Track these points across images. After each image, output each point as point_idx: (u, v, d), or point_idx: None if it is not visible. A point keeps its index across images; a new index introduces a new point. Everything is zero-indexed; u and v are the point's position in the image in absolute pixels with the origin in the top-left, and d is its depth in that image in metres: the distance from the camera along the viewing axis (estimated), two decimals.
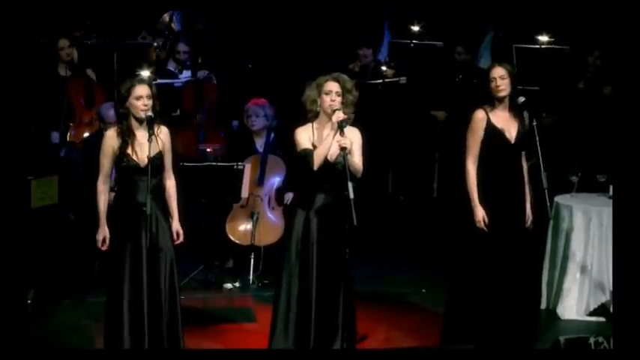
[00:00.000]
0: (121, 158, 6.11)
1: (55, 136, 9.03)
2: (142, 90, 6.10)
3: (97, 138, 8.31)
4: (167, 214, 6.22)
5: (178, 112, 9.32)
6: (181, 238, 6.23)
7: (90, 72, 9.45)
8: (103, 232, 6.16)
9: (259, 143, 8.67)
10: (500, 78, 6.46)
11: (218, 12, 10.69)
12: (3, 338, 5.28)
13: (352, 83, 6.26)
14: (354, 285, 6.33)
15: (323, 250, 6.17)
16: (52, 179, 7.88)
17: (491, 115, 6.52)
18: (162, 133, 6.19)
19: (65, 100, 9.12)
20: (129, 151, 6.10)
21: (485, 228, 6.46)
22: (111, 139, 6.16)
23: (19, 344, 5.36)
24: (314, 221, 6.19)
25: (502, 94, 6.48)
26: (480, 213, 6.47)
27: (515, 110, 6.51)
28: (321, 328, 6.15)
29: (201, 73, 9.68)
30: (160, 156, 6.14)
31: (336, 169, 6.12)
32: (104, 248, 6.16)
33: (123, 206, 6.16)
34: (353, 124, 6.26)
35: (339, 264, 6.20)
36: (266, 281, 8.25)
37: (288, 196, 8.54)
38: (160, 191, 6.19)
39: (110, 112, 8.23)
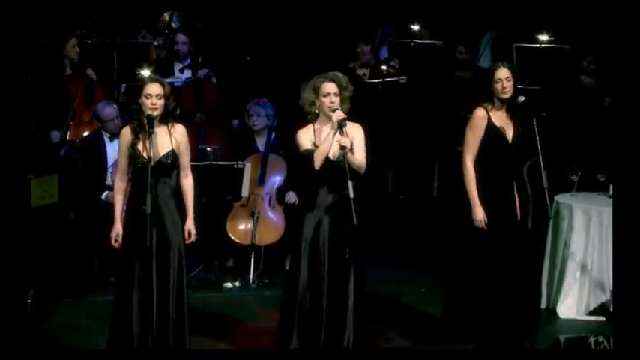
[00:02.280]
0: (132, 156, 6.11)
1: (56, 135, 9.03)
2: (151, 88, 6.10)
3: (97, 137, 8.35)
4: (181, 213, 6.21)
5: (178, 111, 9.30)
6: (193, 238, 6.23)
7: (90, 71, 9.45)
8: (117, 228, 6.17)
9: (260, 142, 8.68)
10: (507, 79, 6.47)
11: (218, 11, 10.69)
12: (3, 338, 5.28)
13: (347, 79, 6.26)
14: (365, 285, 6.31)
15: (333, 248, 6.17)
16: (52, 178, 7.88)
17: (491, 114, 6.53)
18: (178, 132, 6.20)
19: (70, 99, 9.13)
20: (139, 148, 6.11)
21: (485, 227, 6.47)
22: (126, 136, 6.18)
23: (19, 344, 5.36)
24: (325, 221, 6.18)
25: (507, 95, 6.49)
26: (480, 212, 6.48)
27: (514, 110, 6.51)
28: (330, 326, 6.14)
29: (202, 72, 9.67)
30: (171, 155, 6.14)
31: (340, 168, 6.12)
32: (117, 245, 6.16)
33: (134, 204, 6.17)
34: (353, 122, 6.26)
35: (346, 263, 6.19)
36: (266, 280, 8.25)
37: (289, 196, 8.54)
38: (172, 190, 6.18)
39: (106, 110, 8.25)
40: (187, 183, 6.28)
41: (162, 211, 6.11)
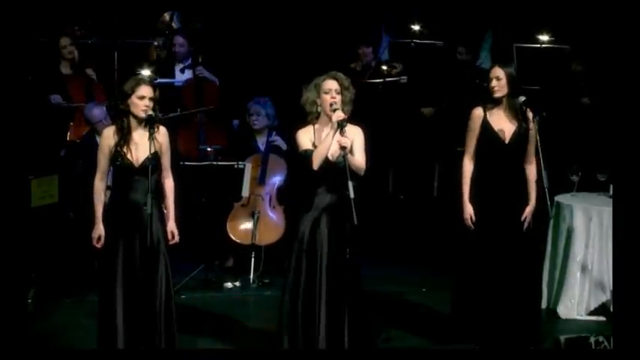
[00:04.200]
0: (116, 157, 6.10)
1: (55, 98, 9.03)
2: (146, 90, 6.08)
3: (90, 138, 8.33)
4: (162, 214, 6.21)
5: (179, 111, 9.32)
6: (176, 239, 6.22)
7: (90, 71, 9.45)
8: (99, 230, 6.14)
9: (261, 142, 8.67)
10: (497, 79, 6.50)
11: (218, 12, 10.69)
12: (3, 338, 5.28)
13: (349, 81, 6.26)
14: (361, 284, 6.31)
15: (331, 248, 6.16)
16: (52, 178, 7.88)
17: (488, 114, 6.55)
18: (160, 133, 6.18)
19: (70, 99, 9.15)
20: (124, 149, 6.09)
21: (471, 226, 6.51)
22: (108, 137, 6.15)
23: (19, 344, 5.37)
24: (322, 221, 6.17)
25: (496, 95, 6.51)
26: (468, 211, 6.52)
27: (514, 111, 6.52)
28: (329, 326, 6.14)
29: (199, 69, 9.68)
30: (156, 156, 6.13)
31: (339, 168, 6.12)
32: (99, 246, 6.15)
33: (117, 205, 6.16)
34: (353, 123, 6.26)
35: (345, 263, 6.19)
36: (266, 280, 8.25)
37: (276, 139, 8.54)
38: (156, 191, 6.18)
39: (93, 112, 8.26)
40: (168, 184, 6.28)
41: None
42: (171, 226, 6.22)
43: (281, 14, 10.70)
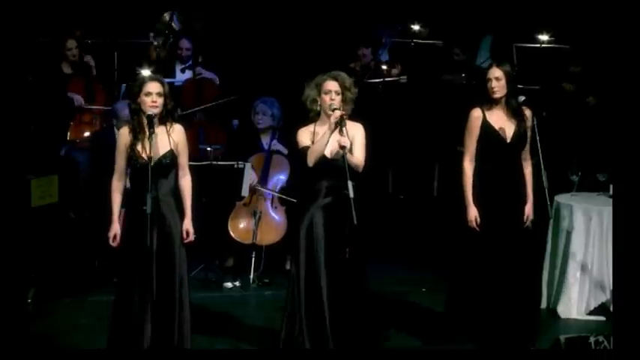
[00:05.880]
0: (131, 155, 6.11)
1: (78, 99, 9.03)
2: (152, 87, 6.08)
3: (108, 134, 8.29)
4: (180, 212, 6.20)
5: (179, 111, 9.31)
6: (191, 237, 6.20)
7: (88, 58, 9.43)
8: (115, 229, 6.14)
9: (265, 141, 8.65)
10: (496, 79, 6.47)
11: (218, 12, 10.69)
12: (3, 338, 5.28)
13: (351, 80, 6.28)
14: (367, 284, 6.31)
15: (329, 248, 6.17)
16: (52, 178, 7.88)
17: (487, 114, 6.53)
18: (176, 131, 6.18)
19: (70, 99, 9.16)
20: (138, 148, 6.10)
21: (477, 228, 6.48)
22: (124, 136, 6.16)
23: (19, 344, 5.37)
24: (320, 220, 6.18)
25: (497, 95, 6.49)
26: (473, 213, 6.49)
27: (513, 109, 6.51)
28: (333, 326, 6.14)
29: (199, 69, 9.68)
30: (170, 154, 6.12)
31: (336, 166, 6.12)
32: (115, 245, 6.15)
33: (134, 203, 6.16)
34: (354, 121, 6.28)
35: (346, 262, 6.19)
36: (266, 280, 8.25)
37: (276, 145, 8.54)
38: (171, 189, 6.16)
39: (126, 112, 8.22)
40: (185, 182, 6.27)
41: (163, 211, 6.09)
42: (187, 224, 6.19)
43: (280, 15, 10.70)
